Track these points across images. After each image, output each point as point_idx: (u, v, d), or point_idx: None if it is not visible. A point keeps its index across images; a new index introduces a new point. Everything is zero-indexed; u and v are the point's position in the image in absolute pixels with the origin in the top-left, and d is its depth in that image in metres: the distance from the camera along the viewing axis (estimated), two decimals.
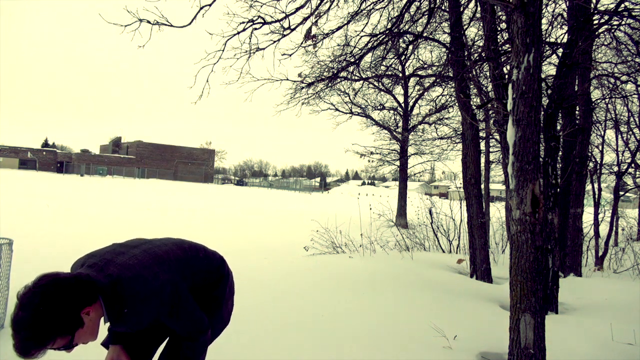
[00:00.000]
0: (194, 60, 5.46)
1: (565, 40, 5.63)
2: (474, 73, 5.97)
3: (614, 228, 11.20)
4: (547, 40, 5.95)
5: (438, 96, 14.80)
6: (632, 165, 10.54)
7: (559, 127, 6.34)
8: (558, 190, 4.86)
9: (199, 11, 4.83)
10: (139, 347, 1.87)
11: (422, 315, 4.15)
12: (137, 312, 1.56)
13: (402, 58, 12.55)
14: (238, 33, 5.43)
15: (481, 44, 6.38)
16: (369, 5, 6.59)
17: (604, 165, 10.96)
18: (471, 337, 3.66)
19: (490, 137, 11.48)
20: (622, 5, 4.79)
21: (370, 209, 10.23)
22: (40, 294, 1.37)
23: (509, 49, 4.23)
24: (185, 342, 1.76)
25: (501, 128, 4.89)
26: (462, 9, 6.47)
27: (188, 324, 1.71)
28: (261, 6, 5.38)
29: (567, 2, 6.03)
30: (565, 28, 6.15)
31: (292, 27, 5.69)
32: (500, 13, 5.15)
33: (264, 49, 5.79)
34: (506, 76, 4.79)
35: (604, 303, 5.05)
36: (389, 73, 12.73)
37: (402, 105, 18.27)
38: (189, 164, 60.31)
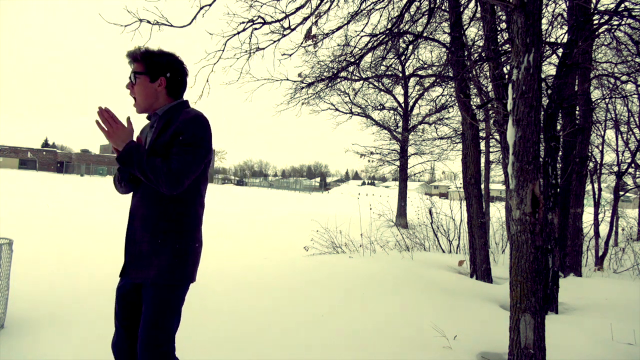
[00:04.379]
0: (194, 60, 5.47)
1: (565, 40, 5.62)
2: (474, 73, 5.96)
3: (614, 228, 11.21)
4: (547, 40, 5.94)
5: (438, 96, 14.82)
6: (632, 165, 10.53)
7: (559, 127, 6.34)
8: (558, 190, 4.85)
9: (199, 11, 4.83)
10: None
11: (422, 315, 4.15)
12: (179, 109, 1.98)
13: (402, 58, 12.54)
14: (238, 33, 5.44)
15: (481, 44, 6.37)
16: (369, 5, 6.58)
17: (604, 165, 10.96)
18: (471, 337, 3.66)
19: (490, 137, 11.47)
20: (622, 5, 4.78)
21: (370, 209, 10.24)
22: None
23: (509, 49, 4.24)
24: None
25: (501, 128, 4.89)
26: (462, 9, 6.46)
27: (184, 163, 1.79)
28: (261, 6, 5.38)
29: (567, 2, 6.03)
30: (565, 28, 6.14)
31: (292, 27, 5.69)
32: (500, 13, 5.15)
33: (264, 49, 5.78)
34: (506, 76, 4.79)
35: (604, 303, 5.04)
36: (389, 73, 12.71)
37: (402, 105, 18.28)
38: None
